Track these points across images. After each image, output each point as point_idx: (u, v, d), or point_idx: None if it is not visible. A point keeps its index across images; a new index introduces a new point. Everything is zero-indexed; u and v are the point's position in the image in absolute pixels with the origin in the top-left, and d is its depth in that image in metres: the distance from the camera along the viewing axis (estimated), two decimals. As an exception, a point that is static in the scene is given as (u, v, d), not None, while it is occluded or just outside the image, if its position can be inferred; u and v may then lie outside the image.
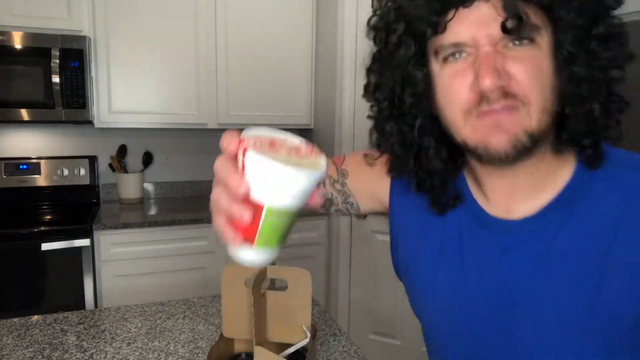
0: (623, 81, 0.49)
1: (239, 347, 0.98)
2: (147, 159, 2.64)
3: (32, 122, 2.31)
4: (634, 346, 0.49)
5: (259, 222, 0.44)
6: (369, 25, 0.55)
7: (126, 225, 2.12)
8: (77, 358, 1.00)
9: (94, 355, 1.01)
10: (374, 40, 0.55)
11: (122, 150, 2.59)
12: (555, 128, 0.51)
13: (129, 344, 1.06)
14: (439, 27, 0.47)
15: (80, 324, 1.16)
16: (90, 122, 2.26)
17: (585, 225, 0.50)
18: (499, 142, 0.48)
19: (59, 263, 1.99)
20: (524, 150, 0.48)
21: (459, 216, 0.59)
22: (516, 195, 0.54)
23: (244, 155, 0.42)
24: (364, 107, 0.62)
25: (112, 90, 2.30)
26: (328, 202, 0.72)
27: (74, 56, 2.12)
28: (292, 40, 2.58)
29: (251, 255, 0.46)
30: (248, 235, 0.45)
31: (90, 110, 2.20)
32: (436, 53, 0.50)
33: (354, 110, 2.33)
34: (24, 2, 2.09)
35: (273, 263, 0.95)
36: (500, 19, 0.45)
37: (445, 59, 0.49)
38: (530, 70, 0.46)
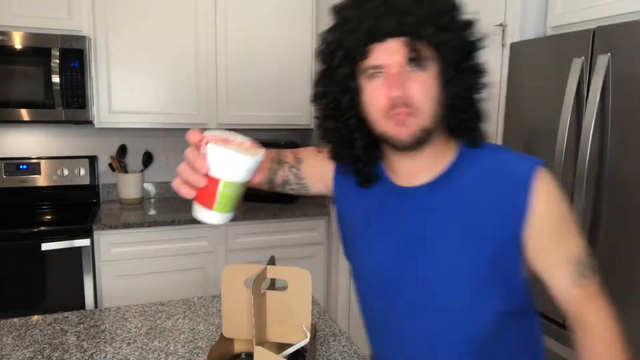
0: (484, 100, 0.75)
1: (239, 347, 0.98)
2: (147, 159, 2.64)
3: (32, 122, 2.31)
4: (498, 273, 0.74)
5: (216, 193, 0.63)
6: (318, 51, 0.77)
7: (126, 225, 2.12)
8: (77, 358, 1.00)
9: (94, 355, 1.01)
10: (322, 62, 0.77)
11: (122, 150, 2.59)
12: (442, 126, 0.75)
13: (129, 344, 1.06)
14: (365, 55, 0.70)
15: (80, 324, 1.16)
16: (90, 122, 2.26)
17: (459, 187, 0.76)
18: (403, 135, 0.71)
19: (59, 263, 1.99)
20: (420, 141, 0.72)
21: (379, 191, 0.83)
22: (417, 171, 0.78)
23: (205, 146, 0.62)
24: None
25: (112, 90, 2.30)
26: (285, 182, 0.94)
27: (74, 56, 2.12)
28: (292, 40, 2.58)
29: (212, 216, 0.65)
30: (209, 203, 0.64)
31: (90, 110, 2.20)
32: (363, 72, 0.72)
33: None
34: (24, 2, 2.09)
35: (273, 263, 0.95)
36: (404, 51, 0.67)
37: (369, 77, 0.71)
38: (423, 89, 0.69)
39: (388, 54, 0.69)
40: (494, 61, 1.99)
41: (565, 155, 1.54)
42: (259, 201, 2.64)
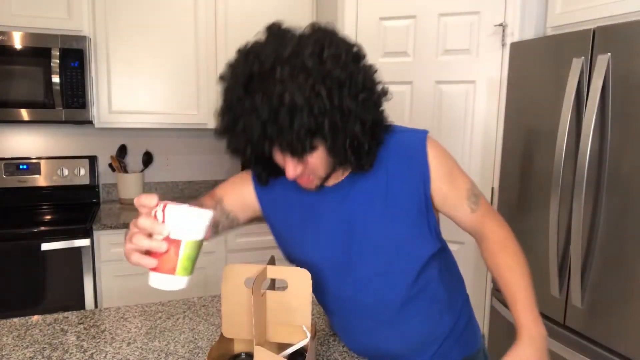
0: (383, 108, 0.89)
1: (239, 347, 0.98)
2: (147, 159, 2.64)
3: (32, 122, 2.31)
4: (423, 225, 0.91)
5: (178, 255, 0.64)
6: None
7: (126, 226, 2.12)
8: (77, 358, 1.00)
9: (94, 355, 1.01)
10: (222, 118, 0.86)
11: (122, 150, 2.59)
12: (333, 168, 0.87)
13: (129, 344, 1.06)
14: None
15: (80, 324, 1.16)
16: (90, 122, 2.26)
17: (375, 171, 0.90)
18: (309, 187, 0.88)
19: (59, 263, 1.99)
20: (323, 184, 0.89)
21: (306, 195, 0.94)
22: (332, 180, 0.91)
23: (163, 210, 0.63)
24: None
25: (112, 90, 2.30)
26: (217, 223, 0.94)
27: (74, 56, 2.13)
28: (292, 40, 2.57)
29: (177, 281, 0.65)
30: (171, 268, 0.64)
31: (90, 110, 2.20)
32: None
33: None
34: (24, 2, 2.09)
35: (273, 263, 0.95)
36: (288, 156, 0.80)
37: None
38: (316, 163, 0.82)
39: (279, 157, 0.84)
40: (494, 61, 1.99)
41: (565, 155, 1.54)
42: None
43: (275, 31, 0.80)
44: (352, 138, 0.80)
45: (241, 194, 0.99)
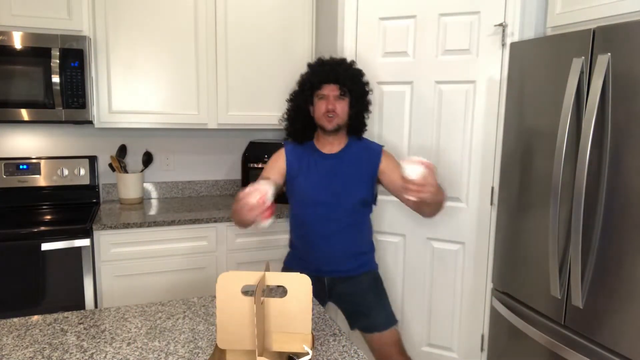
0: (368, 116, 1.78)
1: (233, 359, 0.94)
2: (147, 159, 2.64)
3: (32, 122, 2.31)
4: (371, 186, 1.71)
5: (271, 211, 1.29)
6: (299, 82, 1.76)
7: (126, 225, 2.12)
8: (77, 358, 1.00)
9: (94, 355, 1.01)
10: (298, 86, 1.75)
11: (122, 150, 2.59)
12: (345, 128, 1.74)
13: (129, 344, 1.06)
14: (320, 88, 1.68)
15: (80, 324, 1.16)
16: (90, 122, 2.26)
17: (352, 153, 1.72)
18: (330, 125, 1.66)
19: (59, 263, 1.99)
20: (336, 129, 1.68)
21: (312, 155, 1.73)
22: (331, 146, 1.73)
23: (262, 192, 1.27)
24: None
25: (112, 90, 2.30)
26: (276, 190, 1.53)
27: (74, 56, 2.13)
28: (292, 40, 2.58)
29: (269, 222, 1.29)
30: (268, 216, 1.28)
31: (90, 110, 2.20)
32: (316, 96, 1.69)
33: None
34: (24, 2, 2.09)
35: (267, 269, 0.94)
36: (334, 90, 1.67)
37: (319, 98, 1.68)
38: (341, 107, 1.67)
39: (329, 90, 1.66)
40: (494, 61, 1.99)
41: (565, 155, 1.54)
42: (259, 201, 2.64)
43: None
44: (359, 111, 1.71)
45: (277, 165, 1.73)
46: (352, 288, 1.75)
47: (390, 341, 1.71)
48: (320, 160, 1.71)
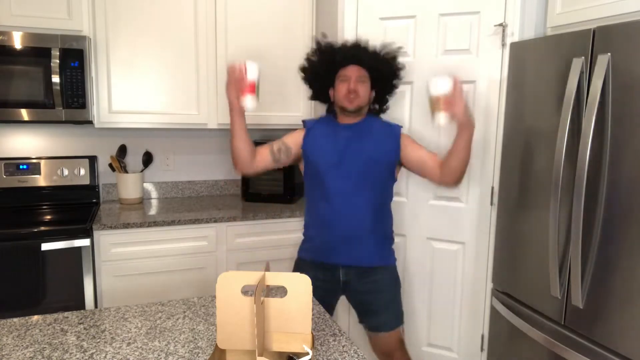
0: (391, 97, 1.88)
1: (233, 359, 0.95)
2: (147, 159, 2.64)
3: (32, 122, 2.31)
4: (393, 162, 1.74)
5: (255, 87, 1.56)
6: (318, 51, 1.80)
7: (126, 225, 2.12)
8: (77, 358, 1.00)
9: (94, 355, 1.01)
10: (321, 56, 1.80)
11: (122, 150, 2.59)
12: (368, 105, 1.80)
13: (129, 344, 1.06)
14: (343, 67, 1.74)
15: (80, 324, 1.16)
16: (90, 122, 2.26)
17: (367, 127, 1.75)
18: (350, 106, 1.70)
19: (59, 263, 1.99)
20: (357, 110, 1.72)
21: (334, 128, 1.76)
22: (350, 119, 1.76)
23: (245, 66, 1.53)
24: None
25: (112, 90, 2.30)
26: (279, 150, 1.76)
27: (74, 56, 2.13)
28: (292, 39, 2.58)
29: (254, 100, 1.57)
30: (252, 92, 1.56)
31: (90, 110, 2.20)
32: (338, 77, 1.74)
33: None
34: (24, 2, 2.09)
35: (267, 270, 0.94)
36: (357, 71, 1.71)
37: (341, 80, 1.72)
38: (362, 89, 1.71)
39: (352, 71, 1.70)
40: (494, 61, 1.99)
41: (565, 155, 1.54)
42: (259, 201, 2.64)
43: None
44: (381, 93, 1.81)
45: (296, 136, 1.78)
46: (368, 286, 1.72)
47: (393, 340, 1.72)
48: (340, 129, 1.73)
